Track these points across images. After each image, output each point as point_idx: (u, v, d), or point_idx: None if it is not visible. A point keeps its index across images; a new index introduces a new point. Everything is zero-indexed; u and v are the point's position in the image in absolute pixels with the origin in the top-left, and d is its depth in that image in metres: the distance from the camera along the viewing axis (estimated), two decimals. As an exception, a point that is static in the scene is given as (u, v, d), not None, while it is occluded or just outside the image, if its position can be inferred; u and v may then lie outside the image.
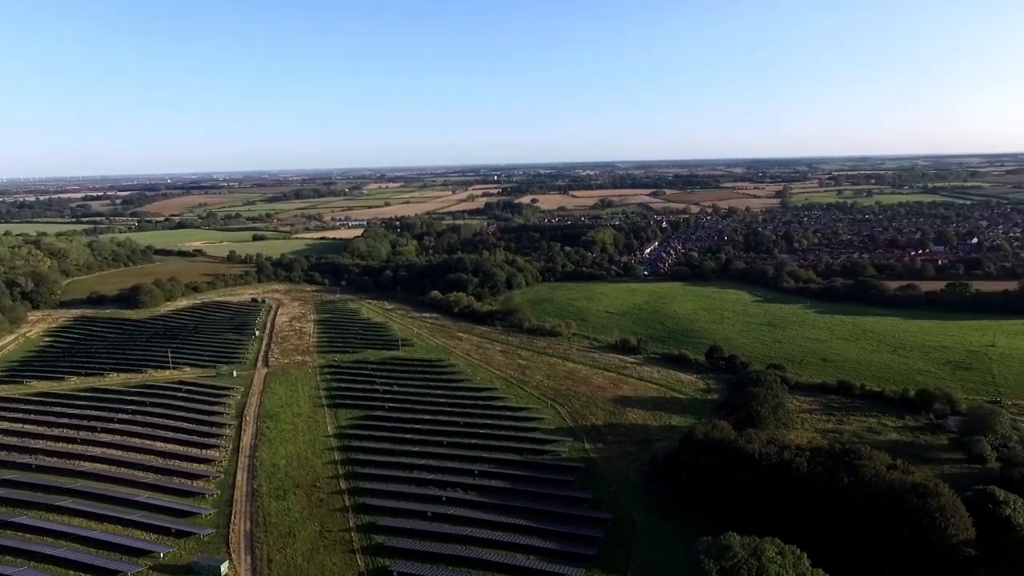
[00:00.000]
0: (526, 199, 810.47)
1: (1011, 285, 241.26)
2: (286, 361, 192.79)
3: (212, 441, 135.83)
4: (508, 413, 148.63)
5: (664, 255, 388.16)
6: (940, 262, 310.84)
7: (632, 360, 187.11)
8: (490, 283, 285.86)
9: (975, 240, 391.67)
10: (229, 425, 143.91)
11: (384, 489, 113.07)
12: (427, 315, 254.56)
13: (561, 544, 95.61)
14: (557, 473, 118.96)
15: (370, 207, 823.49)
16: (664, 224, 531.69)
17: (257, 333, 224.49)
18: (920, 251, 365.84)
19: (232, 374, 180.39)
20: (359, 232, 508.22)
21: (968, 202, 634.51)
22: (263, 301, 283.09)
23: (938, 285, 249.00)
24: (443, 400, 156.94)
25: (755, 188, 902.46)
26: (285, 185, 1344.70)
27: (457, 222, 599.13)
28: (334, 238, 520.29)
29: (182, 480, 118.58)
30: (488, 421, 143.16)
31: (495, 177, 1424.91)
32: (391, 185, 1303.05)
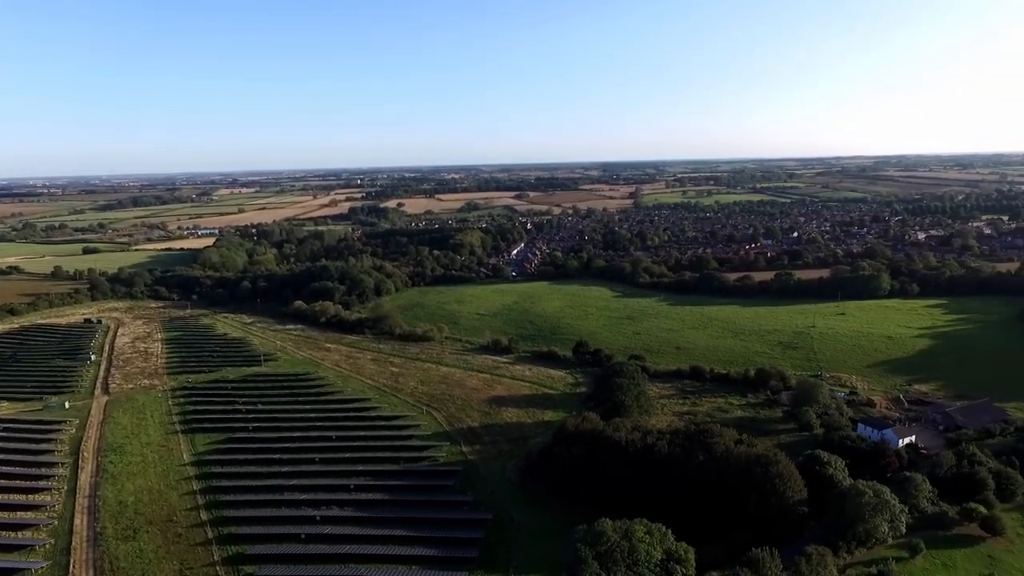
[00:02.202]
0: (392, 203, 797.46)
1: (824, 273, 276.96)
2: (130, 386, 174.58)
3: (41, 484, 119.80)
4: (383, 423, 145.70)
5: (530, 256, 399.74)
6: (769, 255, 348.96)
7: (504, 360, 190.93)
8: (358, 290, 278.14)
9: (795, 234, 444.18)
10: (62, 464, 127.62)
11: (252, 515, 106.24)
12: (291, 327, 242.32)
13: (443, 550, 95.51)
14: (435, 479, 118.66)
15: (222, 214, 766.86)
16: (529, 225, 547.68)
17: (93, 357, 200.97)
18: (753, 245, 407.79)
19: (64, 405, 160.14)
20: (211, 241, 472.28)
21: (788, 200, 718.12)
22: (99, 321, 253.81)
23: (768, 275, 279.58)
24: (313, 415, 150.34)
25: (610, 190, 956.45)
26: (120, 192, 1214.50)
27: (320, 228, 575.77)
28: (182, 248, 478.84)
29: (5, 534, 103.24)
30: (362, 433, 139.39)
31: (359, 181, 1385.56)
32: (245, 190, 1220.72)
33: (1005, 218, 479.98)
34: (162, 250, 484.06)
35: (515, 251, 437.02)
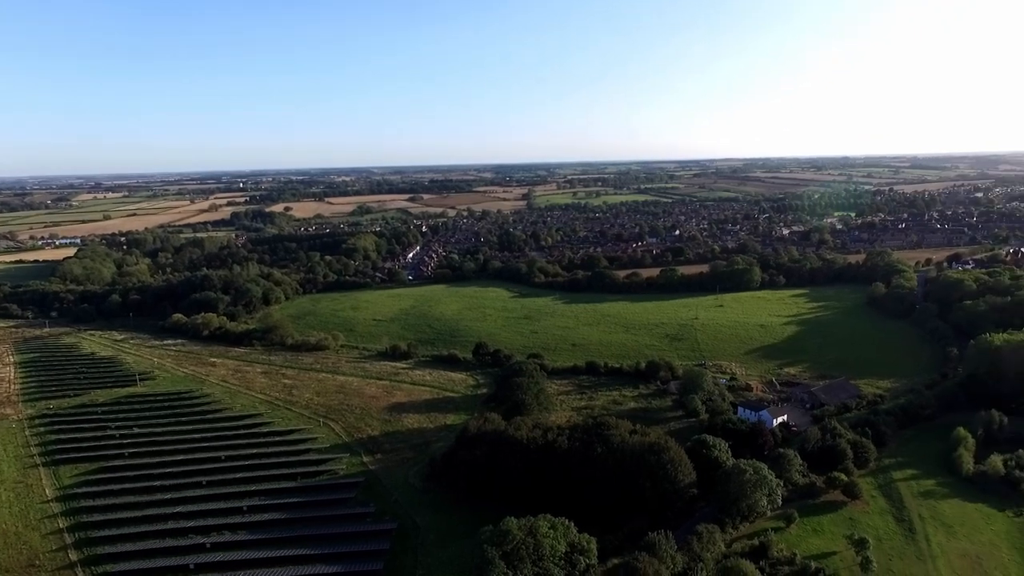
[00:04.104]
0: (278, 207, 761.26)
1: (704, 268, 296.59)
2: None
3: None
4: (277, 438, 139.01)
5: (427, 259, 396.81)
6: (654, 252, 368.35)
7: (404, 365, 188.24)
8: (244, 300, 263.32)
9: (677, 232, 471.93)
10: None
11: (131, 550, 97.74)
12: (170, 342, 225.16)
13: (346, 565, 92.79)
14: (336, 492, 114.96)
15: (84, 222, 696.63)
16: (424, 228, 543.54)
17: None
18: (639, 243, 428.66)
19: None
20: (71, 252, 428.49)
21: (670, 200, 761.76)
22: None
23: (655, 271, 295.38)
24: (198, 435, 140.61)
25: (504, 191, 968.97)
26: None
27: (199, 235, 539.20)
28: (36, 261, 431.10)
29: None
30: (254, 450, 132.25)
31: (241, 185, 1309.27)
32: (110, 195, 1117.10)
33: (852, 215, 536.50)
34: (12, 263, 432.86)
35: (411, 254, 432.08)
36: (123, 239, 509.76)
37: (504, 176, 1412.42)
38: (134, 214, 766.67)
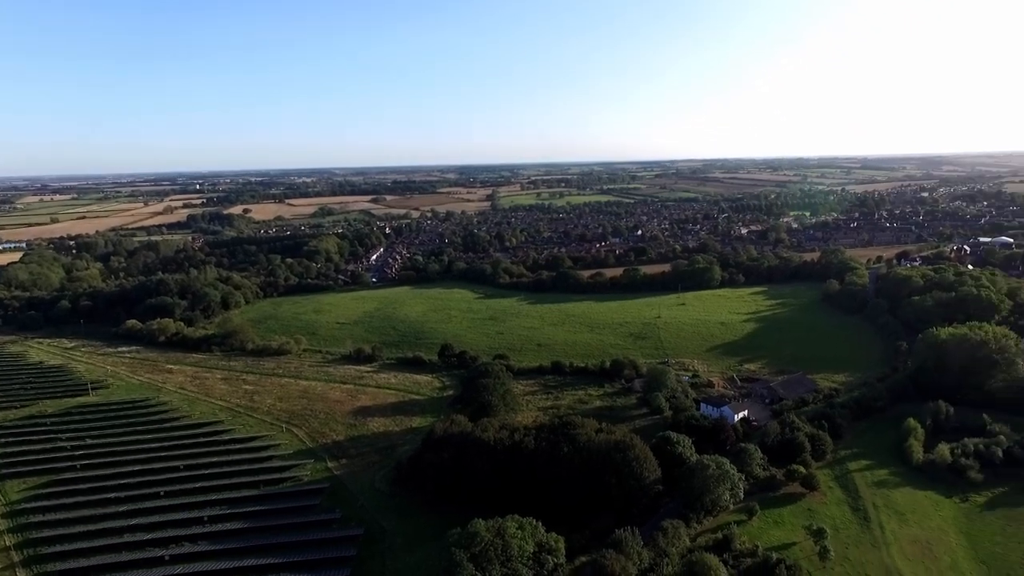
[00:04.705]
0: (237, 209, 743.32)
1: (666, 267, 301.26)
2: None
3: None
4: (238, 446, 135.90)
5: (391, 260, 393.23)
6: (618, 252, 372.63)
7: (368, 369, 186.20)
8: (202, 305, 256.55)
9: (640, 232, 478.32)
10: None
11: (85, 566, 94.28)
12: (125, 349, 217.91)
13: (313, 573, 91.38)
14: (300, 499, 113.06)
15: (30, 225, 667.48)
16: (388, 230, 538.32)
17: None
18: (603, 243, 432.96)
19: None
20: (16, 256, 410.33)
21: (632, 200, 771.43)
22: None
23: (618, 271, 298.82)
24: (156, 445, 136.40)
25: (468, 192, 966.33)
26: None
27: (154, 238, 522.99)
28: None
29: None
30: (215, 459, 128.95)
31: (197, 186, 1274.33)
32: (57, 197, 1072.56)
33: (807, 214, 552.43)
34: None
35: (374, 256, 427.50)
36: (72, 243, 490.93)
37: (468, 177, 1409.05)
38: (84, 217, 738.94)
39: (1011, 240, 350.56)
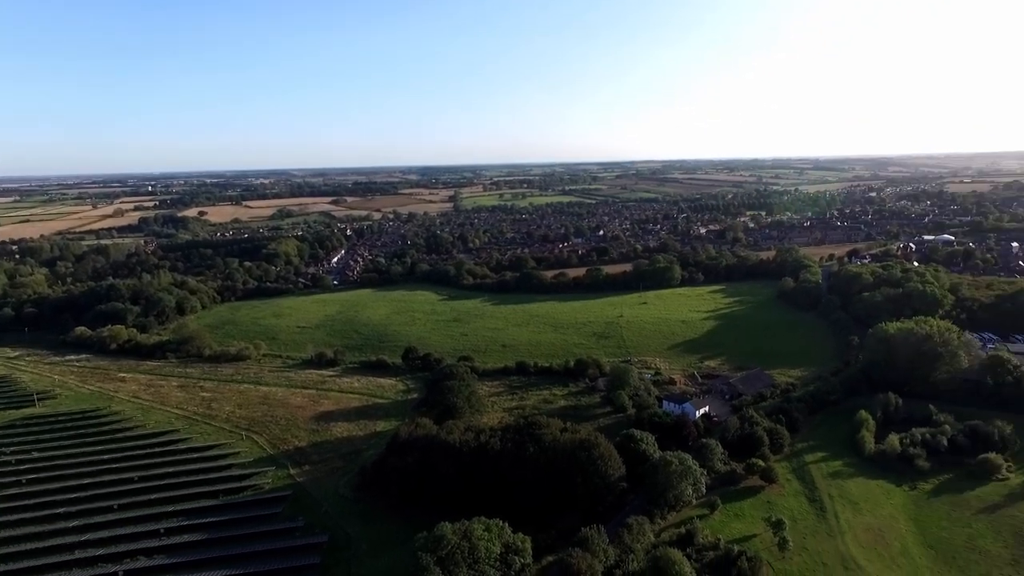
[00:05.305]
0: (192, 212, 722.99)
1: (628, 267, 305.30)
2: None
3: None
4: (195, 455, 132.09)
5: (352, 263, 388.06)
6: (580, 252, 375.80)
7: (331, 373, 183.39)
8: (156, 310, 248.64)
9: (602, 232, 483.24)
10: None
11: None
12: (73, 357, 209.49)
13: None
14: (261, 508, 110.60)
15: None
16: (349, 232, 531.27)
17: None
18: (565, 243, 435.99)
19: None
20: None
21: (594, 201, 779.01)
22: None
23: (581, 271, 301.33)
24: (107, 457, 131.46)
25: (430, 193, 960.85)
26: None
27: (104, 242, 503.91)
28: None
29: None
30: (171, 469, 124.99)
31: (149, 188, 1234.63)
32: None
33: (763, 213, 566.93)
34: None
35: (336, 259, 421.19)
36: (15, 247, 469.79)
37: (430, 178, 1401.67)
38: (27, 220, 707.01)
39: (952, 238, 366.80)
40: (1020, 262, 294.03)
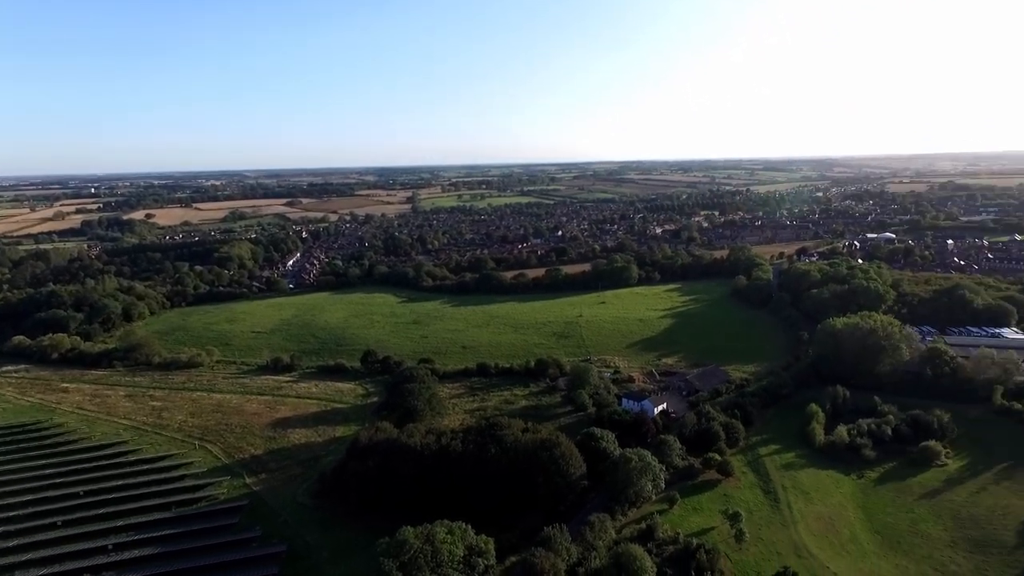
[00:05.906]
0: (139, 215, 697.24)
1: (586, 267, 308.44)
2: None
3: None
4: (145, 466, 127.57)
5: (308, 266, 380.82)
6: (539, 252, 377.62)
7: (287, 379, 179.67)
8: (101, 317, 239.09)
9: (560, 232, 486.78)
10: None
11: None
12: (11, 368, 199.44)
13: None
14: (217, 519, 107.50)
15: None
16: (304, 234, 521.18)
17: None
18: (524, 244, 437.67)
19: None
20: None
21: (552, 202, 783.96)
22: None
23: (540, 272, 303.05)
24: (50, 471, 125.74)
25: (388, 195, 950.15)
26: None
27: (43, 246, 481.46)
28: None
29: None
30: (119, 482, 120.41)
31: (92, 190, 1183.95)
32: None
33: (716, 213, 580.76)
34: None
35: (291, 262, 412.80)
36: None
37: (387, 179, 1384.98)
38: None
39: (893, 236, 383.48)
40: (955, 258, 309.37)
